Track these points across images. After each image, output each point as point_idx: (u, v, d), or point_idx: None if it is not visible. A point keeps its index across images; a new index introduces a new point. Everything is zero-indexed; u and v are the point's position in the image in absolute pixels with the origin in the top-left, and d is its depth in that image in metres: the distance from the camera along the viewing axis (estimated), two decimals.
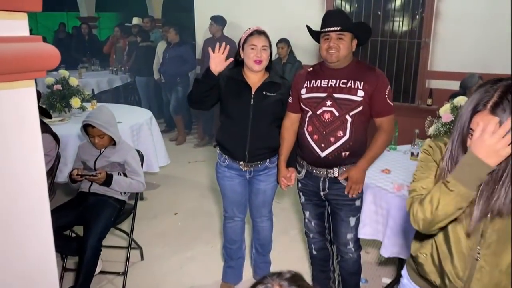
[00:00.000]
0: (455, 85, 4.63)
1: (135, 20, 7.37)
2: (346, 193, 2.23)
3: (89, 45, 8.35)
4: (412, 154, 2.86)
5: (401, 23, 5.07)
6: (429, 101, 4.94)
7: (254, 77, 2.43)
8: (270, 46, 2.42)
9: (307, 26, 2.31)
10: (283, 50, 5.18)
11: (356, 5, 5.17)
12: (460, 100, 2.82)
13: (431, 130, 2.89)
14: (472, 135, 1.20)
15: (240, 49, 2.42)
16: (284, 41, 5.16)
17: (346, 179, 2.21)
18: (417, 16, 4.96)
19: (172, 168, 4.45)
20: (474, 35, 4.67)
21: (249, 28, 2.41)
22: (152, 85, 6.73)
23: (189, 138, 6.47)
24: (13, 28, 0.97)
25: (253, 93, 2.40)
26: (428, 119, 2.90)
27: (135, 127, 3.87)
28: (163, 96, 6.48)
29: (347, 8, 5.26)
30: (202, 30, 6.07)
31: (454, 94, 4.49)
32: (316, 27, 2.22)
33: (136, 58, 6.77)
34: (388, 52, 5.12)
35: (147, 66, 6.49)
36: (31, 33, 1.04)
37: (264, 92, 2.40)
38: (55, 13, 13.11)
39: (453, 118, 2.75)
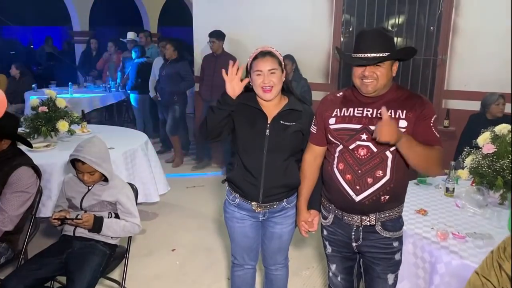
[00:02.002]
0: (474, 106, 4.31)
1: (130, 35, 7.04)
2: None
3: (81, 61, 8.04)
4: (447, 189, 2.50)
5: (415, 39, 4.74)
6: (446, 123, 4.61)
7: (270, 104, 2.07)
8: (281, 65, 2.05)
9: (337, 48, 1.95)
10: (287, 67, 4.83)
11: (366, 20, 4.84)
12: (502, 128, 2.48)
13: (467, 162, 2.53)
14: None
15: (249, 76, 2.08)
16: (288, 58, 4.80)
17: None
18: (433, 32, 4.64)
19: (168, 194, 4.04)
20: (494, 52, 4.34)
21: (255, 50, 2.06)
22: (147, 103, 6.42)
23: (187, 159, 6.07)
24: None
25: (268, 122, 2.04)
26: (466, 149, 2.55)
27: (129, 153, 3.48)
28: (159, 115, 6.13)
29: (355, 23, 4.94)
30: (200, 45, 5.74)
31: (474, 115, 4.18)
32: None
33: (131, 74, 6.43)
34: (402, 70, 4.78)
35: (143, 83, 6.17)
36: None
37: (281, 121, 2.04)
38: (48, 26, 12.81)
39: (496, 149, 2.40)
